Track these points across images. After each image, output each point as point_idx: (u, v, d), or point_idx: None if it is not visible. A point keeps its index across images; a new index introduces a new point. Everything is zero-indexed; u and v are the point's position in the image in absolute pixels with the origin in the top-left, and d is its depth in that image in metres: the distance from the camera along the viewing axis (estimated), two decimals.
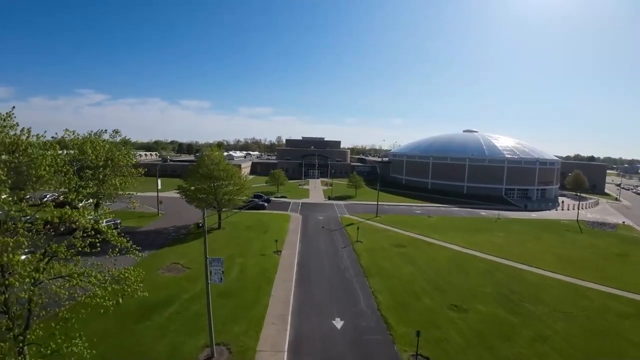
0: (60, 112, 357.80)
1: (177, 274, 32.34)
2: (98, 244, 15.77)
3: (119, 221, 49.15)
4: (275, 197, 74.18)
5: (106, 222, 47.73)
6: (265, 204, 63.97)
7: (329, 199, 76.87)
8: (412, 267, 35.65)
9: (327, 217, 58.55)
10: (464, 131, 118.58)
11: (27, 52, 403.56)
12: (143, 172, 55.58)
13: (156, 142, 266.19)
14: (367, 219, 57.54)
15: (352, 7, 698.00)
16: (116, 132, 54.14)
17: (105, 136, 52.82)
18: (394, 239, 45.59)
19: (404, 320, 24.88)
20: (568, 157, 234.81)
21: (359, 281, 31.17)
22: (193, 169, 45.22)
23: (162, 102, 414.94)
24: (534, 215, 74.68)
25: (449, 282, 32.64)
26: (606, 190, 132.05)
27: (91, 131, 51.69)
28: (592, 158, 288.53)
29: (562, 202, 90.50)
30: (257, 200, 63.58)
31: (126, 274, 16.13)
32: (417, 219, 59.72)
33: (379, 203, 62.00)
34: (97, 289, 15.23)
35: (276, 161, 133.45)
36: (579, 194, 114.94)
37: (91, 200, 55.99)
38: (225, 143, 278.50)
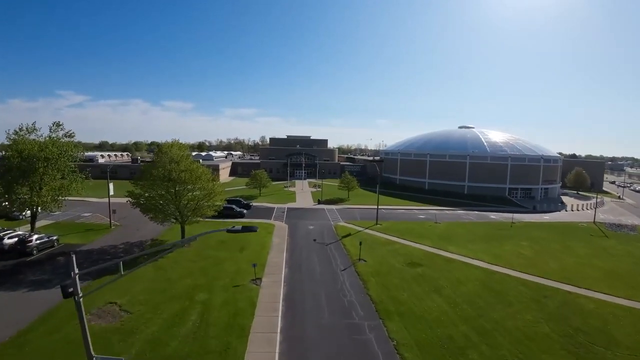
0: (39, 114, 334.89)
1: (110, 322, 22.22)
2: None
3: (55, 238, 38.47)
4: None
5: (38, 238, 37.52)
6: (245, 211, 53.88)
7: (319, 202, 67.24)
8: (439, 298, 26.59)
9: (319, 226, 49.06)
10: (460, 127, 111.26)
11: (5, 52, 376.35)
12: (89, 174, 45.22)
13: (135, 144, 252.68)
14: (366, 228, 48.36)
15: (335, 7, 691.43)
16: (57, 125, 43.64)
17: (44, 131, 42.76)
18: (405, 255, 36.53)
19: None
20: None
21: (373, 328, 21.75)
22: (145, 169, 34.87)
23: (144, 103, 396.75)
24: (546, 217, 67.50)
25: (492, 320, 23.78)
26: (604, 188, 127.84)
27: (21, 124, 41.52)
28: (573, 156, 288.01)
29: (562, 202, 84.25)
30: (235, 207, 53.43)
31: None
32: (424, 226, 50.96)
33: (378, 207, 52.87)
34: None
35: (259, 161, 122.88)
36: (579, 192, 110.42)
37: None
38: (208, 144, 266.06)
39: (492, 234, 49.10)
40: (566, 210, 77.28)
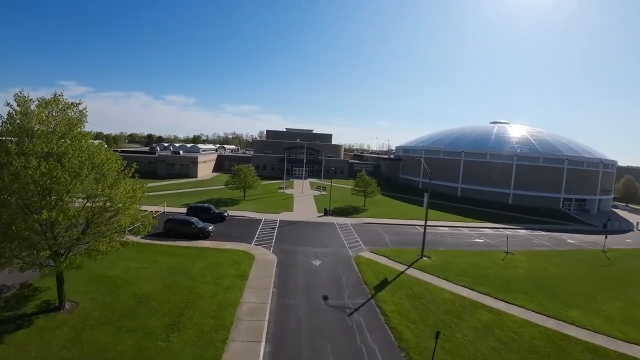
0: None
1: None
2: None
3: None
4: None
5: None
6: (210, 228, 34.07)
7: (326, 213, 48.10)
8: None
9: (331, 261, 29.60)
10: (491, 123, 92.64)
11: (7, 40, 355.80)
12: None
13: (131, 135, 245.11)
14: (409, 264, 29.49)
15: (337, 4, 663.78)
16: None
17: None
18: (512, 344, 17.86)
19: None
20: None
21: None
22: None
23: (145, 96, 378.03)
24: (628, 241, 49.79)
25: None
26: None
27: None
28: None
29: (610, 218, 66.41)
30: (194, 221, 34.20)
31: None
32: (496, 262, 32.14)
33: (425, 230, 34.29)
34: None
35: (251, 155, 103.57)
36: (629, 204, 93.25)
37: None
38: (205, 137, 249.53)
39: (598, 274, 31.09)
40: (639, 230, 59.79)
